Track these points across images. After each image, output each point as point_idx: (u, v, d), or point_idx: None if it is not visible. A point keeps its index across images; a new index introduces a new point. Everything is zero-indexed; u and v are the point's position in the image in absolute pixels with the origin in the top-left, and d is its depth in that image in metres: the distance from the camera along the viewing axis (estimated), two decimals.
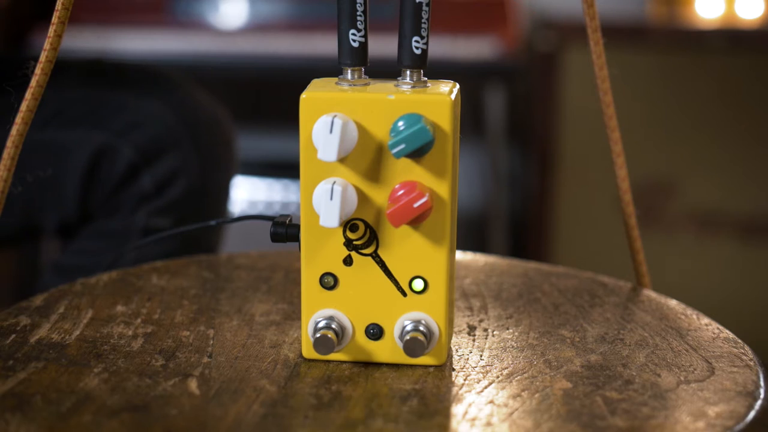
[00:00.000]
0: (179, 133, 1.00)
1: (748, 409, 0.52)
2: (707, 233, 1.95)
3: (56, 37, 0.59)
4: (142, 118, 1.00)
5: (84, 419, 0.49)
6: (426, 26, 0.54)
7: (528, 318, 0.64)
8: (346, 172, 0.54)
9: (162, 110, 1.01)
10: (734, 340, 0.61)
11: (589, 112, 1.83)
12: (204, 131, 1.03)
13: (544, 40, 1.96)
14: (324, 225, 0.53)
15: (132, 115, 1.00)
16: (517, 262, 0.74)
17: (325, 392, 0.53)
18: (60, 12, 0.59)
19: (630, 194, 0.69)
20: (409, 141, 0.52)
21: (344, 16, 0.54)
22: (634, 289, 0.70)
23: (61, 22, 0.59)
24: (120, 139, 0.98)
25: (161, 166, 0.99)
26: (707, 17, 2.06)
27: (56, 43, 0.59)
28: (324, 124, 0.52)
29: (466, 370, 0.56)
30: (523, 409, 0.52)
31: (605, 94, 0.66)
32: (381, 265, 0.55)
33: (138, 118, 1.00)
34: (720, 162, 1.92)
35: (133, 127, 0.99)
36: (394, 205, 0.53)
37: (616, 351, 0.59)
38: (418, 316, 0.56)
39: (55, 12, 0.59)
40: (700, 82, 1.91)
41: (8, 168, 0.60)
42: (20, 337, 0.58)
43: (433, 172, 0.54)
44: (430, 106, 0.53)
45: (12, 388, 0.52)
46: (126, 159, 0.97)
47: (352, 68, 0.55)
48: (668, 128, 1.94)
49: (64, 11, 0.59)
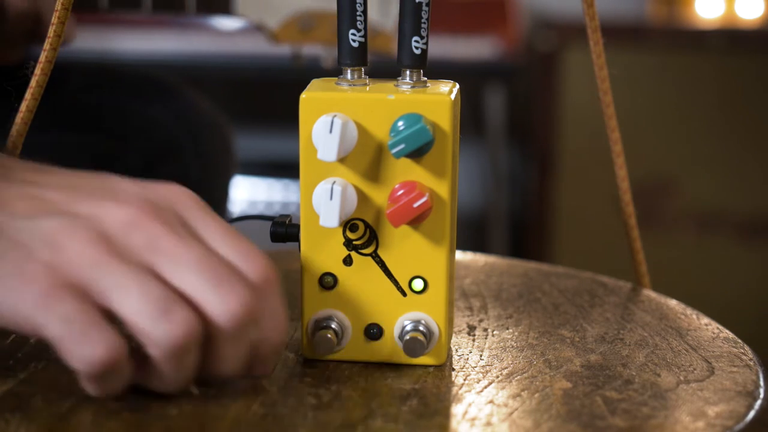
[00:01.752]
0: (180, 140, 1.00)
1: (747, 408, 0.52)
2: (707, 233, 1.95)
3: (56, 37, 0.59)
4: (142, 125, 1.00)
5: (84, 419, 0.49)
6: (426, 26, 0.54)
7: (528, 318, 0.64)
8: (346, 172, 0.54)
9: (163, 117, 1.01)
10: (734, 340, 0.61)
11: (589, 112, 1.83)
12: (205, 138, 1.03)
13: (544, 40, 1.96)
14: (324, 225, 0.53)
15: (132, 121, 1.00)
16: (517, 262, 0.74)
17: (325, 392, 0.53)
18: (60, 12, 0.59)
19: (630, 194, 0.69)
20: (409, 141, 0.52)
21: (344, 16, 0.54)
22: (634, 289, 0.70)
23: (60, 23, 0.59)
24: (120, 145, 0.97)
25: (162, 172, 0.99)
26: (707, 17, 2.06)
27: (56, 43, 0.59)
28: (324, 124, 0.52)
29: (466, 370, 0.56)
30: (522, 409, 0.52)
31: (605, 94, 0.66)
32: (381, 265, 0.55)
33: (138, 125, 1.00)
34: (720, 162, 1.93)
35: (134, 133, 0.99)
36: (393, 205, 0.53)
37: (616, 351, 0.59)
38: (417, 316, 0.56)
39: (54, 12, 0.59)
40: (700, 82, 1.91)
41: None
42: (20, 337, 0.58)
43: (432, 172, 0.54)
44: (429, 106, 0.53)
45: (12, 388, 0.52)
46: (126, 165, 0.97)
47: (352, 68, 0.55)
48: (668, 128, 1.94)
49: (63, 11, 0.59)
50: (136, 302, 0.47)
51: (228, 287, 0.48)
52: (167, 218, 0.49)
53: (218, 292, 0.48)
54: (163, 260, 0.48)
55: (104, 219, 0.49)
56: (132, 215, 0.49)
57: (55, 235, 0.48)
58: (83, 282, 0.47)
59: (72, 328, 0.46)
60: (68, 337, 0.47)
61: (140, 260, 0.48)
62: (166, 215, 0.50)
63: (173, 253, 0.48)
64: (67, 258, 0.48)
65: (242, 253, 0.50)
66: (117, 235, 0.48)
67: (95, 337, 0.46)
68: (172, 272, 0.48)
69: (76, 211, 0.50)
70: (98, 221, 0.49)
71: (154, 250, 0.48)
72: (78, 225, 0.49)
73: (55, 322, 0.47)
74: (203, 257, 0.48)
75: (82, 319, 0.47)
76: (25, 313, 0.47)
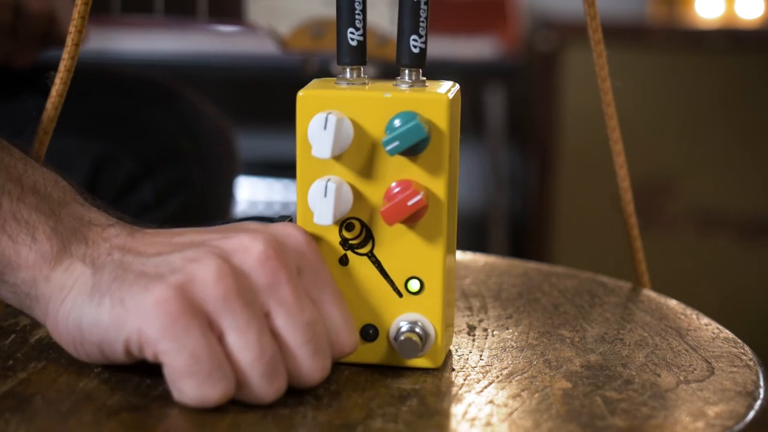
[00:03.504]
0: (182, 144, 1.00)
1: (747, 409, 0.52)
2: (707, 233, 1.95)
3: (74, 46, 0.60)
4: (144, 128, 1.00)
5: (84, 419, 0.49)
6: (424, 25, 0.54)
7: (528, 318, 0.64)
8: (341, 170, 0.54)
9: (165, 120, 1.00)
10: (734, 340, 0.61)
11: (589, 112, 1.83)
12: (207, 142, 1.02)
13: (544, 40, 1.96)
14: (318, 223, 0.53)
15: (134, 125, 1.00)
16: (517, 262, 0.74)
17: (324, 392, 0.53)
18: (77, 21, 0.59)
19: (630, 194, 0.69)
20: (403, 138, 0.52)
21: (343, 15, 0.54)
22: (634, 289, 0.70)
23: (78, 31, 0.60)
24: (121, 149, 0.97)
25: (163, 176, 0.98)
26: (707, 17, 2.06)
27: (74, 52, 0.60)
28: (318, 121, 0.52)
29: (465, 370, 0.56)
30: (522, 409, 0.52)
31: (605, 94, 0.66)
32: (377, 265, 0.55)
33: (140, 128, 1.00)
34: (720, 162, 1.93)
35: (135, 137, 0.99)
36: (388, 203, 0.53)
37: (616, 351, 0.59)
38: (414, 318, 0.55)
39: (71, 21, 0.59)
40: (700, 82, 1.91)
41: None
42: (20, 337, 0.58)
43: (428, 170, 0.54)
44: (426, 105, 0.53)
45: (12, 388, 0.52)
46: (127, 169, 0.97)
47: (351, 67, 0.55)
48: (668, 128, 1.94)
49: (80, 20, 0.59)
50: (251, 354, 0.49)
51: (322, 357, 0.51)
52: (290, 263, 0.51)
53: (314, 360, 0.51)
54: (280, 312, 0.50)
55: (235, 250, 0.51)
56: (261, 251, 0.51)
57: (185, 263, 0.50)
58: (209, 314, 0.49)
59: (199, 367, 0.48)
60: (193, 374, 0.48)
61: (260, 302, 0.50)
62: (289, 259, 0.52)
63: (290, 309, 0.50)
64: (197, 285, 0.49)
65: (342, 322, 0.53)
66: (245, 269, 0.50)
67: (217, 379, 0.49)
68: (285, 328, 0.50)
69: (209, 243, 0.51)
70: (229, 252, 0.51)
71: (274, 296, 0.50)
72: (209, 253, 0.50)
73: (183, 355, 0.48)
74: (312, 322, 0.51)
75: (209, 359, 0.48)
76: (150, 336, 0.49)
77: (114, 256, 0.52)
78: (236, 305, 0.49)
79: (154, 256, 0.51)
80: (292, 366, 0.51)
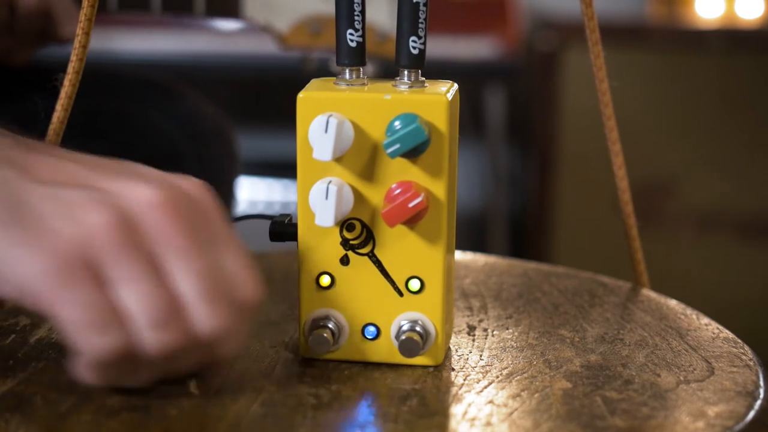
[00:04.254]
0: (183, 145, 1.00)
1: (747, 409, 0.52)
2: (707, 233, 1.95)
3: (81, 48, 0.60)
4: (144, 128, 1.00)
5: (84, 419, 0.49)
6: (423, 26, 0.54)
7: (528, 318, 0.64)
8: (342, 172, 0.54)
9: (165, 120, 1.00)
10: (734, 340, 0.61)
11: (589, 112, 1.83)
12: (207, 142, 1.02)
13: (544, 40, 1.96)
14: (319, 224, 0.53)
15: (134, 125, 1.00)
16: (517, 262, 0.74)
17: (325, 392, 0.53)
18: (84, 24, 0.59)
19: (629, 194, 0.69)
20: (404, 141, 0.52)
21: (342, 16, 0.54)
22: (634, 289, 0.70)
23: (85, 33, 0.60)
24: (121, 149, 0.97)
25: None
26: (707, 17, 2.06)
27: (82, 54, 0.60)
28: (319, 123, 0.52)
29: (465, 370, 0.56)
30: (522, 409, 0.52)
31: (603, 94, 0.66)
32: (377, 265, 0.55)
33: (140, 128, 1.00)
34: (720, 162, 1.93)
35: (135, 137, 0.99)
36: (389, 204, 0.53)
37: (616, 351, 0.59)
38: (414, 317, 0.56)
39: (78, 24, 0.59)
40: (700, 82, 1.91)
41: None
42: (20, 337, 0.59)
43: (429, 172, 0.54)
44: (426, 106, 0.53)
45: (12, 388, 0.52)
46: None
47: (350, 68, 0.55)
48: (668, 128, 1.94)
49: (87, 22, 0.60)
50: (142, 304, 0.47)
51: (220, 306, 0.49)
52: (185, 212, 0.50)
53: (210, 308, 0.48)
54: (173, 260, 0.48)
55: (127, 196, 0.49)
56: (154, 197, 0.49)
57: (75, 208, 0.48)
58: (98, 264, 0.47)
59: (90, 315, 0.47)
60: (85, 323, 0.47)
61: (152, 250, 0.48)
62: (185, 208, 0.50)
63: (184, 256, 0.48)
64: (85, 235, 0.47)
65: (242, 272, 0.50)
66: (137, 215, 0.48)
67: (112, 327, 0.47)
68: (178, 276, 0.48)
69: (100, 185, 0.50)
70: (121, 198, 0.49)
71: (168, 245, 0.48)
72: (100, 200, 0.48)
73: (72, 304, 0.47)
74: (208, 269, 0.49)
75: (101, 307, 0.47)
76: (36, 287, 0.47)
77: (5, 172, 0.49)
78: (127, 255, 0.47)
79: (46, 186, 0.49)
80: (189, 317, 0.48)
